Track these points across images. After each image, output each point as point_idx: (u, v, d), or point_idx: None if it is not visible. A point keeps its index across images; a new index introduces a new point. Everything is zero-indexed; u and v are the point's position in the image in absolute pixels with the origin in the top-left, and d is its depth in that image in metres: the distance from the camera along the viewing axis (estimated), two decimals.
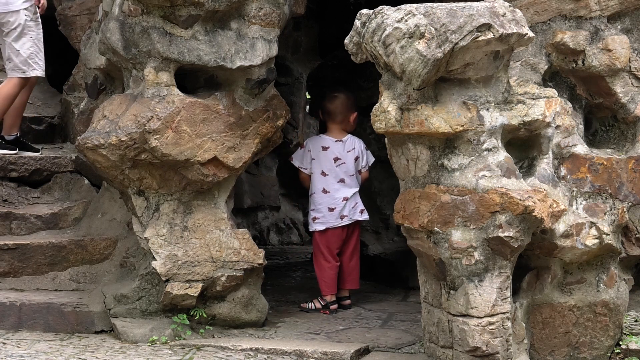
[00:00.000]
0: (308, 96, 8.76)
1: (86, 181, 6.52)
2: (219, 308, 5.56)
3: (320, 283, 6.24)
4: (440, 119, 4.49)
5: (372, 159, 6.38)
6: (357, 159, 6.28)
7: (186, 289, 5.40)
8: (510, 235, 4.50)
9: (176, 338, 5.35)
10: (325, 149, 6.21)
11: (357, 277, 6.36)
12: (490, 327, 4.56)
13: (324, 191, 6.21)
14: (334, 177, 6.21)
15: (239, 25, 5.40)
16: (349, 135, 6.30)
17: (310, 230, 6.32)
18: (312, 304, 6.19)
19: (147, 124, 5.19)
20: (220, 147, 5.38)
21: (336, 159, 6.21)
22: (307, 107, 8.92)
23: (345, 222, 6.23)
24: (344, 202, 6.21)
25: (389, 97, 4.60)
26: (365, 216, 6.33)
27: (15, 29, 6.51)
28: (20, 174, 6.49)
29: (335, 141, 6.23)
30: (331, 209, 6.20)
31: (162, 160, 5.27)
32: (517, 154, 4.74)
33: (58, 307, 5.53)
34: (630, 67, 5.04)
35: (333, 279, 6.22)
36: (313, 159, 6.23)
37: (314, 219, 6.24)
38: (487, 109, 4.55)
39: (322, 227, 6.22)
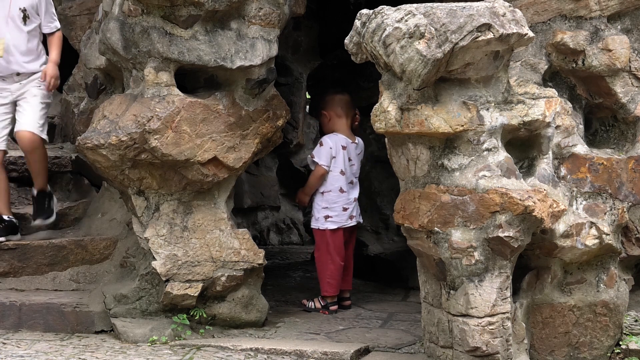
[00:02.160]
0: (308, 96, 8.77)
1: (86, 181, 6.52)
2: (219, 308, 5.56)
3: (322, 283, 6.21)
4: (440, 119, 4.49)
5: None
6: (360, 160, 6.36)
7: (186, 289, 5.40)
8: (510, 235, 4.50)
9: (176, 338, 5.35)
10: (344, 148, 6.25)
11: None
12: (490, 327, 4.56)
13: (341, 190, 6.23)
14: (347, 178, 6.25)
15: (239, 25, 5.40)
16: (358, 138, 6.36)
17: (321, 228, 6.21)
18: (313, 302, 6.18)
19: (147, 124, 5.19)
20: (220, 147, 5.38)
21: (349, 159, 6.26)
22: (307, 107, 8.92)
23: (353, 222, 6.27)
24: (354, 202, 6.26)
25: (389, 97, 4.60)
26: (361, 217, 6.42)
27: None
28: (20, 174, 6.49)
29: (351, 142, 6.28)
30: (345, 209, 6.22)
31: (162, 160, 5.27)
32: (517, 154, 4.74)
33: (58, 307, 5.53)
34: (630, 67, 5.04)
35: (338, 279, 6.21)
36: (334, 157, 6.23)
37: (327, 217, 6.21)
38: (487, 109, 4.55)
39: (334, 226, 6.20)
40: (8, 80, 6.09)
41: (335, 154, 6.21)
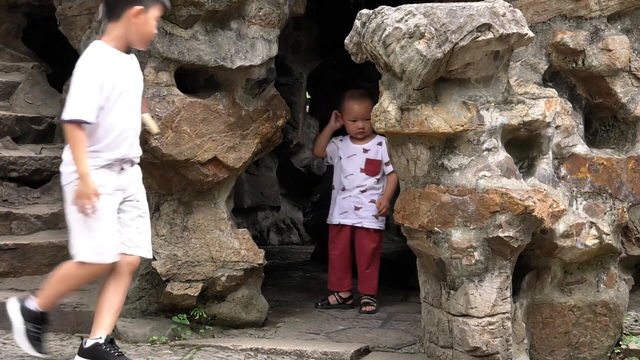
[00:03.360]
0: (308, 96, 8.77)
1: None
2: (219, 308, 5.56)
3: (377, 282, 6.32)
4: (440, 119, 4.49)
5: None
6: None
7: (186, 289, 5.40)
8: (510, 235, 4.50)
9: (176, 338, 5.35)
10: None
11: None
12: (490, 327, 4.56)
13: None
14: None
15: (239, 25, 5.40)
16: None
17: (382, 229, 6.35)
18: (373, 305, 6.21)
19: None
20: (220, 147, 5.38)
21: None
22: (307, 107, 8.93)
23: None
24: None
25: (389, 97, 4.60)
26: None
27: None
28: (20, 174, 6.49)
29: None
30: None
31: (162, 160, 5.27)
32: (517, 154, 4.74)
33: (58, 307, 5.51)
34: (630, 67, 5.04)
35: None
36: None
37: None
38: (487, 109, 4.55)
39: None
40: (115, 169, 4.59)
41: None
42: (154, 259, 5.39)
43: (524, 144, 4.77)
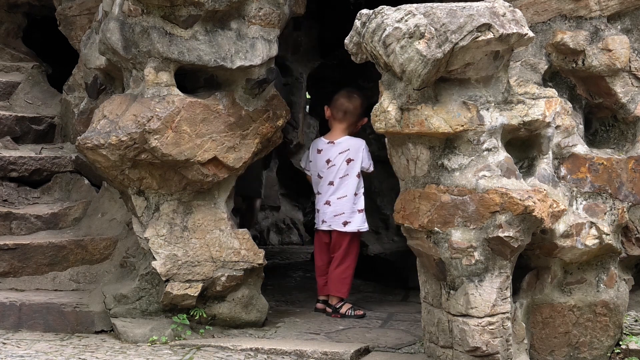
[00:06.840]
0: (308, 96, 8.78)
1: (86, 181, 6.52)
2: (219, 308, 5.57)
3: None
4: (440, 119, 4.49)
5: (369, 164, 6.19)
6: (350, 161, 6.13)
7: (186, 289, 5.40)
8: (510, 235, 4.50)
9: (176, 338, 5.35)
10: (319, 151, 6.19)
11: (340, 285, 6.10)
12: (490, 327, 4.56)
13: (318, 193, 6.20)
14: (325, 180, 6.16)
15: (239, 25, 5.40)
16: (346, 137, 6.18)
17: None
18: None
19: (147, 124, 5.20)
20: (220, 147, 5.38)
21: (328, 161, 6.15)
22: (307, 107, 8.93)
23: (324, 227, 6.16)
24: (325, 205, 6.14)
25: (389, 97, 4.60)
26: (348, 228, 6.09)
27: None
28: (20, 174, 6.49)
29: (327, 143, 6.18)
30: (318, 211, 6.20)
31: (162, 160, 5.27)
32: (517, 154, 4.74)
33: (58, 307, 5.53)
34: (630, 67, 5.04)
35: (318, 280, 6.21)
36: (310, 161, 6.24)
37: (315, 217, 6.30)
38: (487, 109, 4.55)
39: (317, 227, 6.23)
40: None
41: (312, 158, 6.23)
42: (153, 258, 5.39)
43: (524, 144, 4.78)
